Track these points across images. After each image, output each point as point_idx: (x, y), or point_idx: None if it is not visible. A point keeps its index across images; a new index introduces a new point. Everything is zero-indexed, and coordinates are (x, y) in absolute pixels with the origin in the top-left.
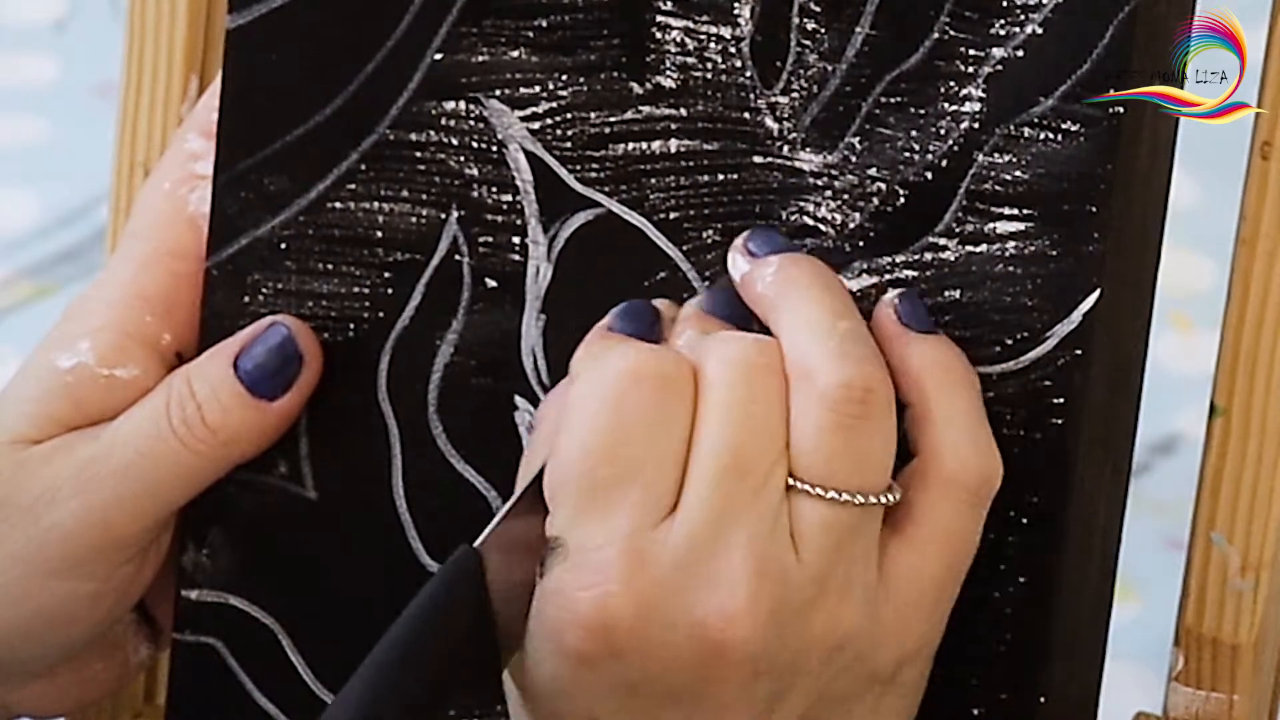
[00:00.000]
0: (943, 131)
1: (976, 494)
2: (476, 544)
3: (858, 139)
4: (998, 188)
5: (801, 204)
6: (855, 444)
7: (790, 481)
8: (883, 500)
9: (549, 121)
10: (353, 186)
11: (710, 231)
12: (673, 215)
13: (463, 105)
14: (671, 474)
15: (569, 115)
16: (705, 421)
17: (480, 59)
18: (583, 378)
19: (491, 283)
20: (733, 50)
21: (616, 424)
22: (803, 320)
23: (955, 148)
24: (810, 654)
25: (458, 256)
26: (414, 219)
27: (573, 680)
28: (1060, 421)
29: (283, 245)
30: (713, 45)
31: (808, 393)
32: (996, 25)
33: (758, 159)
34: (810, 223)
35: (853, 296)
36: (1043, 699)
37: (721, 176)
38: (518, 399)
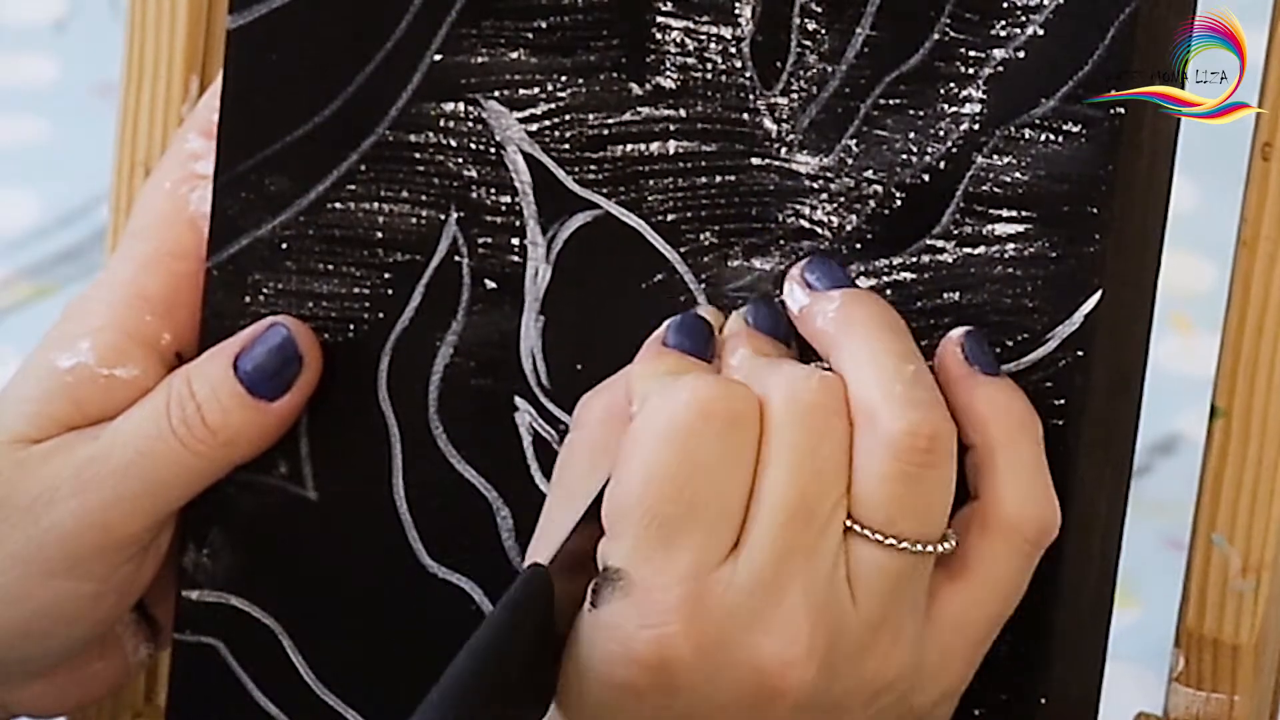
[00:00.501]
0: (941, 133)
1: (1035, 544)
2: (546, 562)
3: (855, 141)
4: (996, 189)
5: (798, 206)
6: (918, 492)
7: (849, 524)
8: (940, 549)
9: (548, 123)
10: (353, 187)
11: (708, 233)
12: (670, 217)
13: (462, 106)
14: (736, 514)
15: (568, 116)
16: (771, 463)
17: (479, 60)
18: (651, 404)
19: (491, 284)
20: (733, 51)
21: (685, 460)
22: (868, 362)
23: (954, 149)
24: (856, 695)
25: (457, 257)
26: (414, 220)
27: (618, 709)
28: (1061, 422)
29: (283, 245)
30: (713, 46)
31: (873, 438)
32: (997, 26)
33: (755, 160)
34: (807, 225)
35: None
36: (1043, 700)
37: (719, 178)
38: (517, 399)
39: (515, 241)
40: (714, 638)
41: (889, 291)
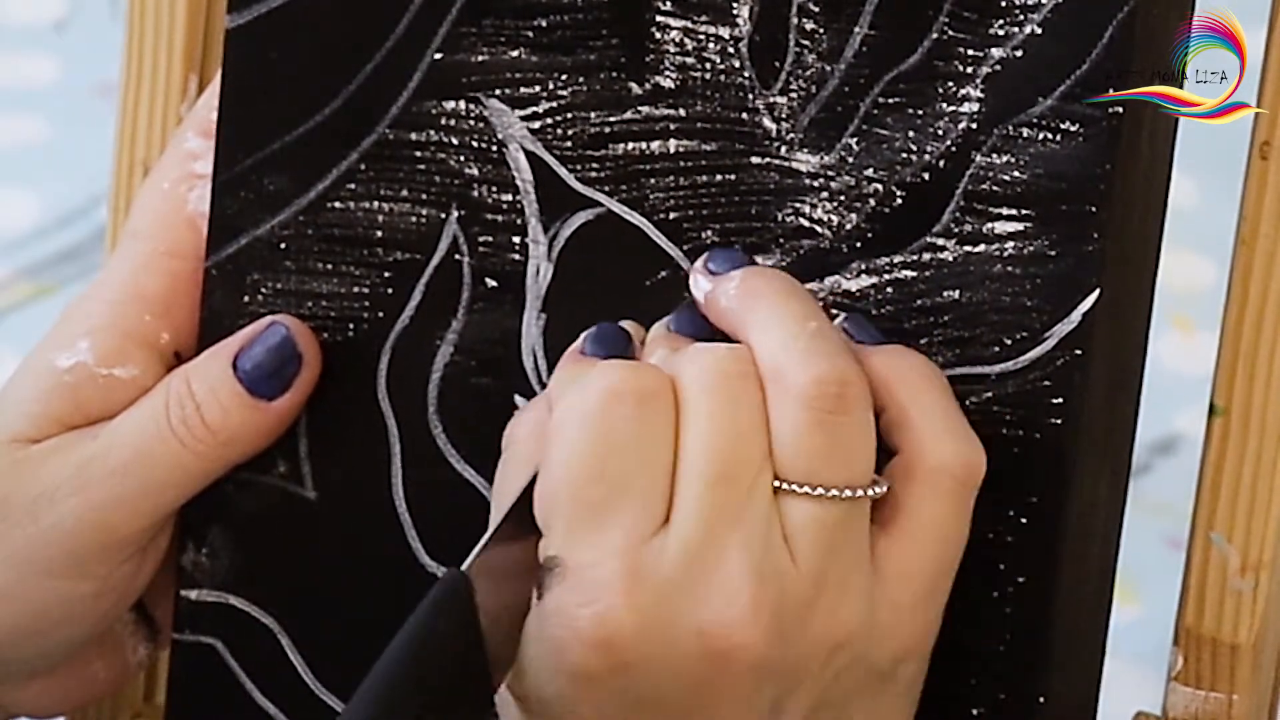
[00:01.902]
0: (941, 132)
1: (963, 483)
2: (464, 567)
3: (855, 139)
4: (996, 188)
5: (798, 205)
6: (836, 439)
7: (777, 484)
8: (870, 493)
9: (549, 121)
10: (352, 186)
11: (709, 231)
12: (672, 215)
13: (463, 105)
14: (660, 487)
15: (569, 115)
16: (688, 432)
17: (480, 58)
18: (564, 399)
19: (492, 282)
20: (731, 50)
21: (602, 442)
22: (770, 325)
23: (953, 148)
24: (811, 655)
25: (458, 256)
26: (414, 218)
27: (577, 698)
28: (1060, 421)
29: (282, 245)
30: (711, 45)
31: (783, 394)
32: (995, 25)
33: (755, 159)
34: (806, 224)
35: (852, 298)
36: (1042, 699)
37: (720, 177)
38: (518, 399)
39: (516, 240)
40: (655, 608)
41: (890, 289)
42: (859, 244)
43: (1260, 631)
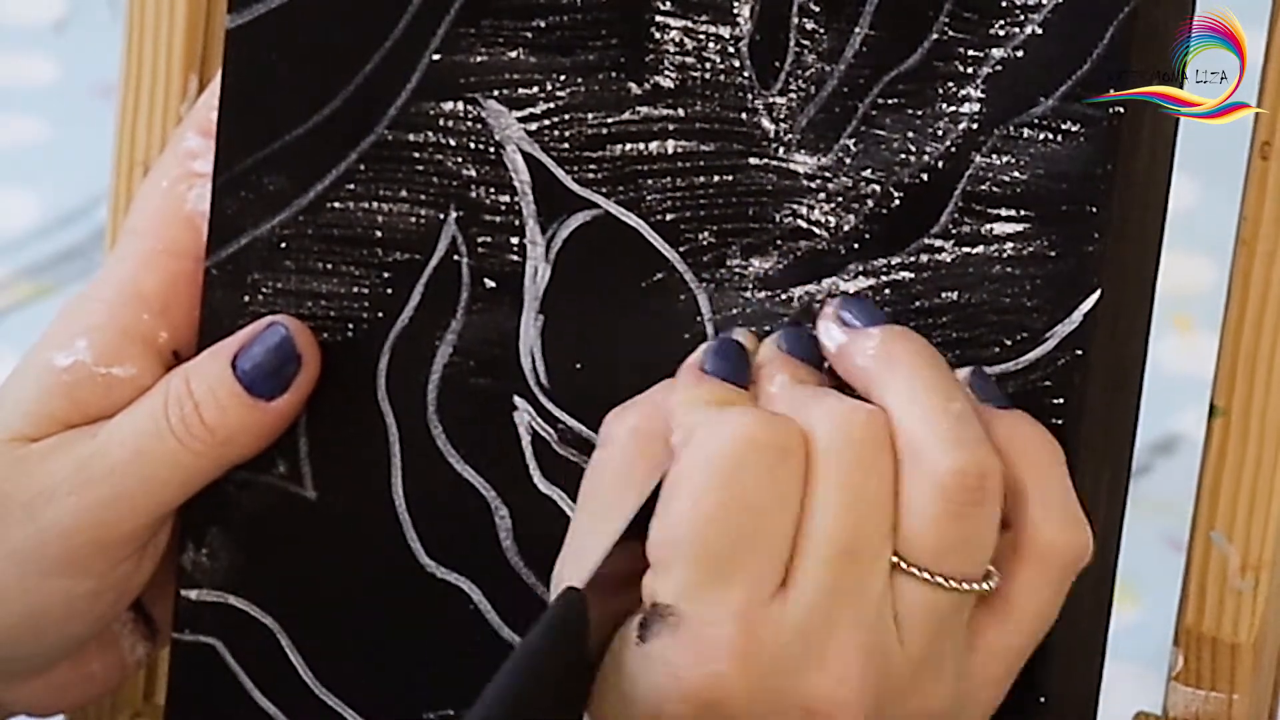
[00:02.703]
0: (940, 132)
1: (1070, 570)
2: (580, 585)
3: (853, 140)
4: (995, 188)
5: (795, 206)
6: (965, 531)
7: (895, 561)
8: (985, 587)
9: (547, 122)
10: (352, 186)
11: (706, 233)
12: (669, 216)
13: (461, 106)
14: (784, 549)
15: (567, 116)
16: (819, 498)
17: (478, 59)
18: (700, 437)
19: (490, 283)
20: (731, 50)
21: (735, 495)
22: (914, 399)
23: (952, 149)
24: None
25: (456, 256)
26: (413, 219)
27: None
28: (1060, 422)
29: (282, 245)
30: (711, 45)
31: (921, 476)
32: (996, 25)
33: (753, 160)
34: (804, 225)
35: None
36: (1042, 699)
37: (717, 178)
38: (516, 399)
39: (515, 240)
40: (765, 677)
41: (887, 291)
42: (856, 245)
43: (1260, 631)
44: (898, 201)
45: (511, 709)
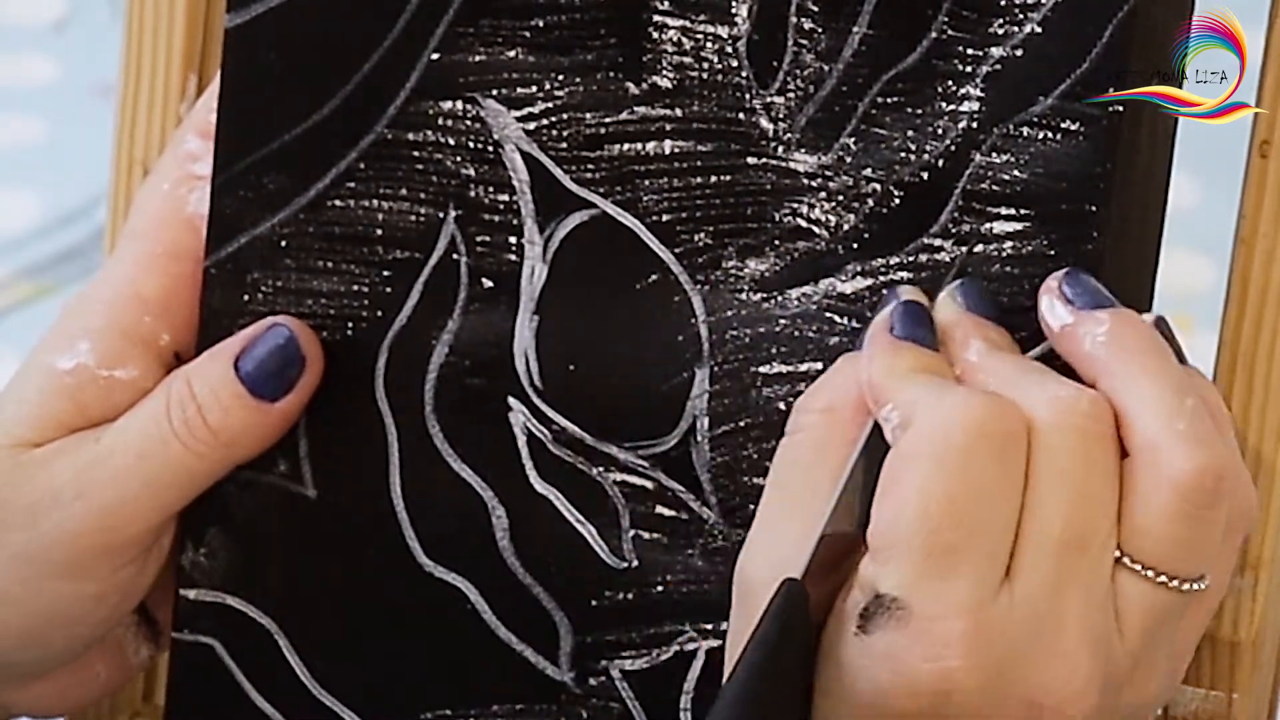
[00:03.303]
0: (940, 131)
1: (1250, 529)
2: (800, 575)
3: (853, 139)
4: (995, 187)
5: (795, 205)
6: (1197, 533)
7: (1119, 557)
8: (1201, 587)
9: (545, 122)
10: (352, 185)
11: (702, 234)
12: (665, 217)
13: (460, 105)
14: (1009, 539)
15: (565, 115)
16: (1044, 488)
17: (477, 59)
18: (923, 421)
19: (488, 282)
20: (729, 50)
21: (963, 485)
22: (1148, 394)
23: (952, 147)
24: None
25: (455, 255)
26: (412, 218)
27: None
28: None
29: (282, 244)
30: (709, 45)
31: (1156, 475)
32: (995, 24)
33: (751, 160)
34: (804, 224)
35: (848, 300)
36: None
37: (715, 178)
38: (511, 400)
39: (513, 240)
40: (995, 671)
41: (885, 291)
42: (856, 245)
43: (1260, 630)
44: (898, 200)
45: (750, 706)
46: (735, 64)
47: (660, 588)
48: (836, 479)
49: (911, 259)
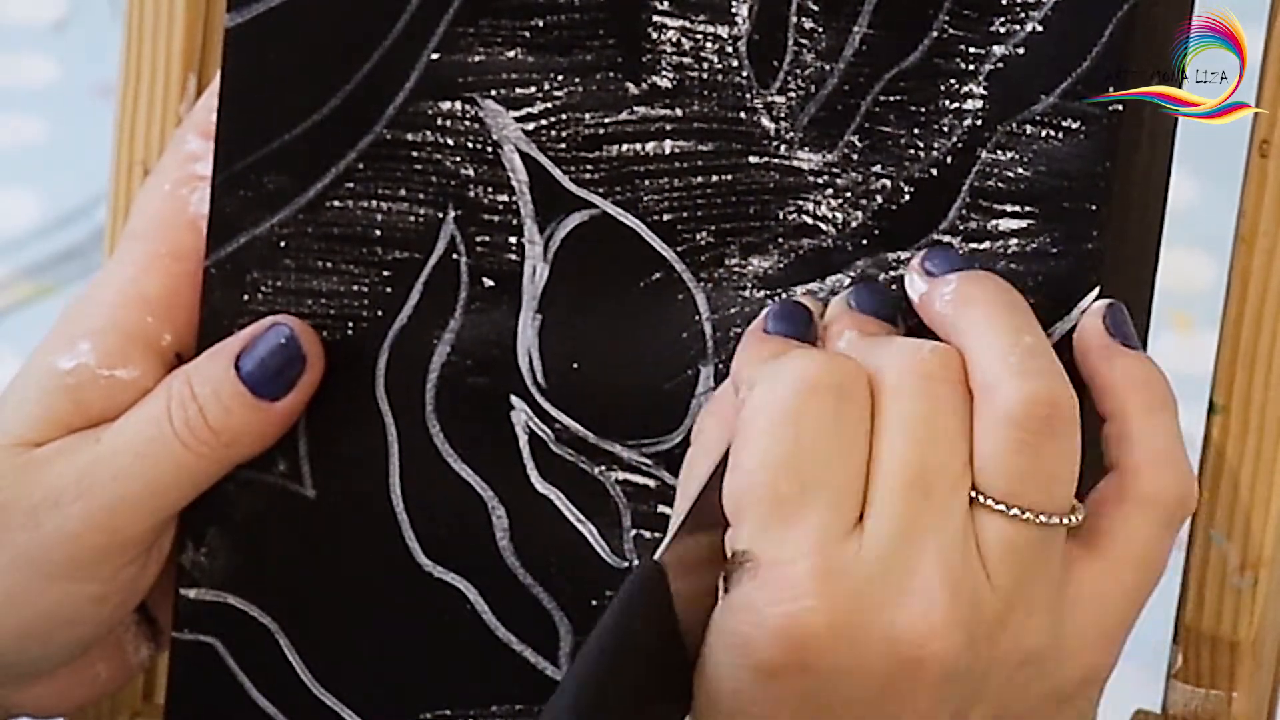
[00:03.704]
0: (946, 128)
1: (1174, 515)
2: (656, 557)
3: (858, 137)
4: (1001, 184)
5: (800, 203)
6: (1040, 462)
7: (974, 496)
8: (1068, 521)
9: (544, 122)
10: (351, 185)
11: (704, 233)
12: (667, 217)
13: (459, 105)
14: (855, 486)
15: (564, 116)
16: (888, 433)
17: (476, 59)
18: (759, 389)
19: (489, 282)
20: (729, 50)
21: (798, 436)
22: (984, 335)
23: (959, 144)
24: (996, 671)
25: (455, 255)
26: (412, 218)
27: (755, 697)
28: None
29: (282, 244)
30: (709, 45)
31: (991, 409)
32: (996, 23)
33: (753, 159)
34: (810, 222)
35: None
36: None
37: (716, 178)
38: (513, 399)
39: (513, 240)
40: (848, 610)
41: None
42: (864, 241)
43: (1260, 629)
44: (908, 196)
45: (602, 685)
46: (735, 64)
47: None
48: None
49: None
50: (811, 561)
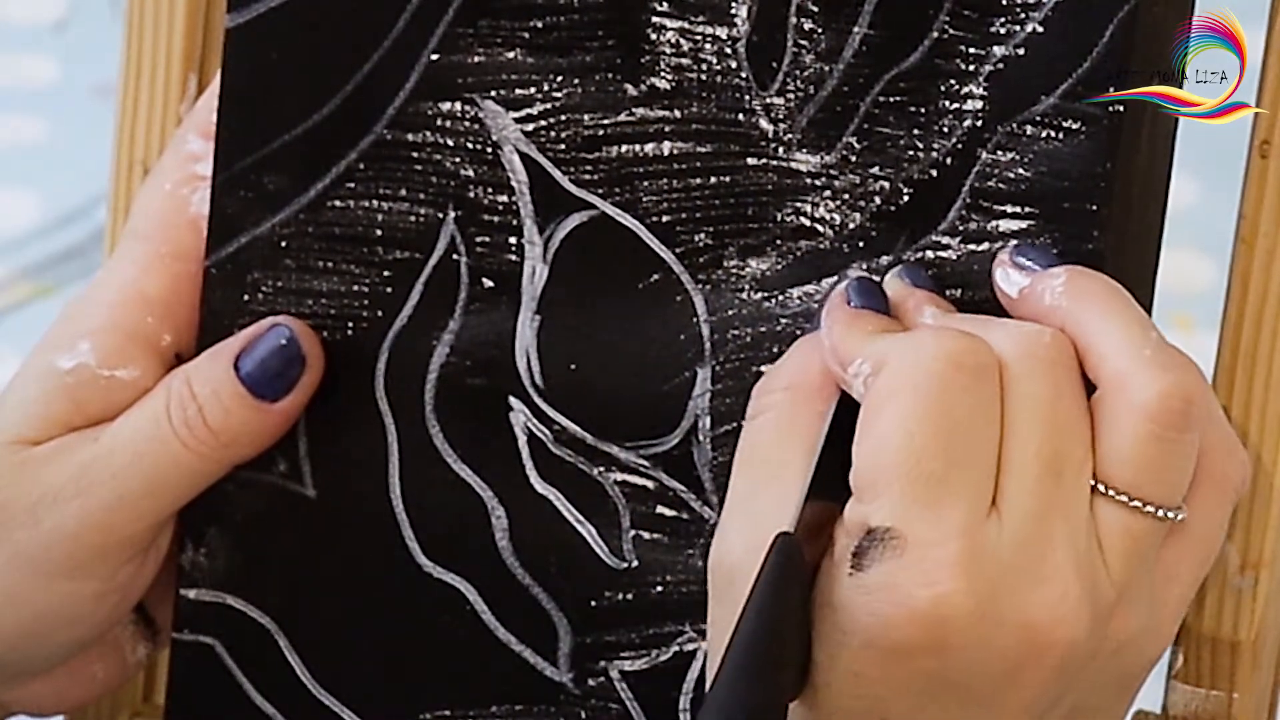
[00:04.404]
0: (945, 129)
1: (1237, 496)
2: (789, 529)
3: (856, 138)
4: (1001, 185)
5: (798, 205)
6: (1169, 457)
7: (1094, 484)
8: (1178, 516)
9: (543, 123)
10: (352, 185)
11: (702, 235)
12: (665, 218)
13: (459, 106)
14: (992, 467)
15: (563, 117)
16: (1019, 416)
17: (476, 59)
18: (896, 362)
19: (489, 282)
20: (728, 51)
21: (944, 413)
22: (1112, 328)
23: (959, 145)
24: (1103, 651)
25: (455, 256)
26: (412, 218)
27: (879, 676)
28: None
29: (283, 244)
30: (708, 46)
31: (1124, 401)
32: (996, 24)
33: (751, 160)
34: (807, 223)
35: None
36: None
37: (714, 179)
38: (512, 399)
39: (512, 240)
40: (989, 594)
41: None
42: (861, 243)
43: (1260, 629)
44: (907, 198)
45: (756, 660)
46: (734, 65)
47: (660, 588)
48: (807, 449)
49: (919, 256)
50: (960, 543)
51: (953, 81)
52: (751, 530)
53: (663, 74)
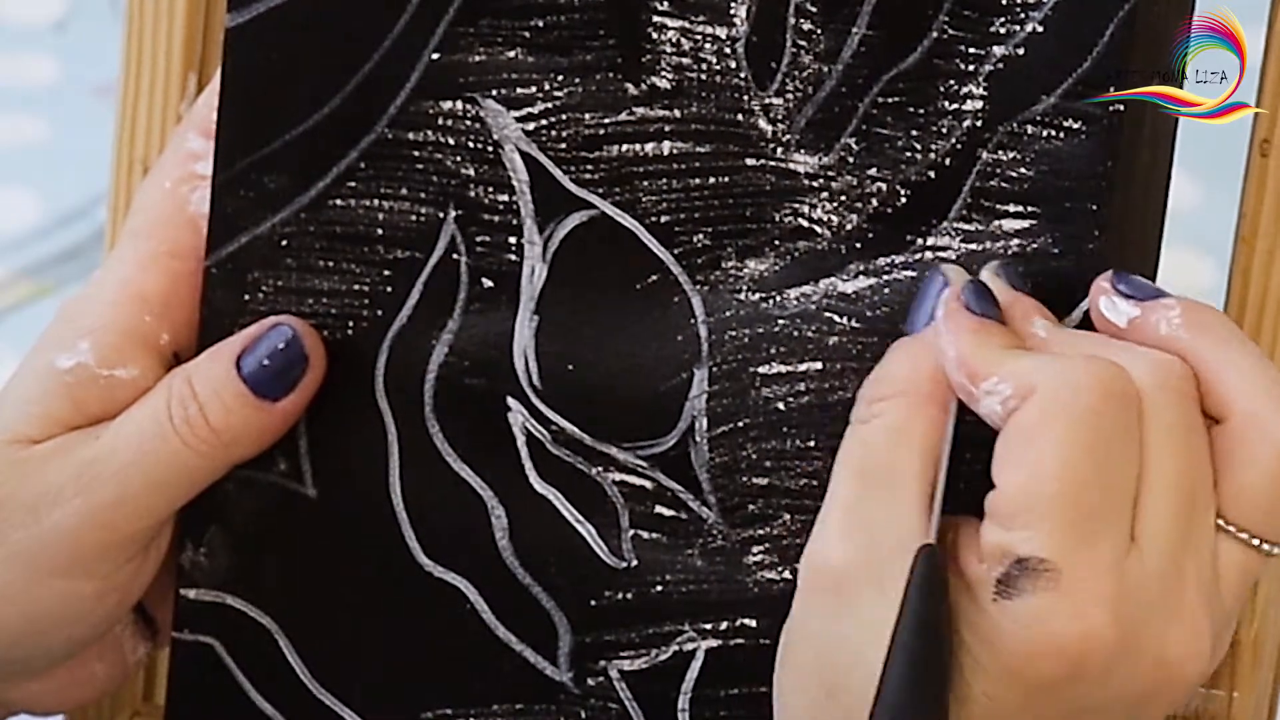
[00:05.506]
0: (945, 130)
1: None
2: (930, 540)
3: (854, 139)
4: (1003, 184)
5: (796, 206)
6: None
7: (1217, 521)
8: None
9: (544, 122)
10: (352, 184)
11: (701, 235)
12: (664, 219)
13: (459, 105)
14: (1132, 498)
15: (564, 116)
16: (1156, 445)
17: (477, 59)
18: (1048, 390)
19: (488, 282)
20: (728, 51)
21: (1097, 446)
22: (1243, 365)
23: (959, 145)
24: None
25: (455, 255)
26: (413, 217)
27: (1011, 701)
28: None
29: (283, 243)
30: (708, 46)
31: (1261, 438)
32: (996, 23)
33: (750, 161)
34: (805, 225)
35: (848, 300)
36: None
37: (713, 180)
38: (510, 400)
39: (512, 240)
40: (1132, 630)
41: (887, 290)
42: (859, 244)
43: (1260, 629)
44: (904, 199)
45: (920, 677)
46: (734, 65)
47: (659, 587)
48: (922, 458)
49: (917, 257)
50: (1110, 580)
51: (952, 82)
52: (862, 534)
53: (663, 73)
